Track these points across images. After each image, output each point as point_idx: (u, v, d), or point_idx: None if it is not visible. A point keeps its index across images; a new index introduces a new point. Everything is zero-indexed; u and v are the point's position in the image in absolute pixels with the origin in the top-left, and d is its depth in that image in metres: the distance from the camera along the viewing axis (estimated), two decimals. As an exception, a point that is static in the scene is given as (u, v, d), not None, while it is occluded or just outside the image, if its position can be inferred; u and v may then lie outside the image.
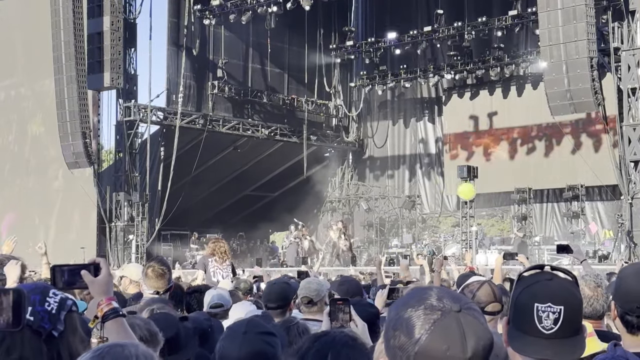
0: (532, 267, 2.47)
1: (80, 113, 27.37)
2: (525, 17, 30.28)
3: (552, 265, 2.48)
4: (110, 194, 29.61)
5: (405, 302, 1.85)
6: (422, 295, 1.85)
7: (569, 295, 2.37)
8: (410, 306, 1.82)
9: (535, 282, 2.37)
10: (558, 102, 22.98)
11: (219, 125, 32.95)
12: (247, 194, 35.83)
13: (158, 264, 5.52)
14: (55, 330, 2.16)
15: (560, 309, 2.31)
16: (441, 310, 1.80)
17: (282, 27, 32.71)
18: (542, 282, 2.38)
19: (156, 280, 5.38)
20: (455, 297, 1.86)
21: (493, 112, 34.02)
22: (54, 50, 27.36)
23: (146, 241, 29.34)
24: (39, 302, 2.20)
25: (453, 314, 1.80)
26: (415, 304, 1.82)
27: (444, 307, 1.81)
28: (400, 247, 31.91)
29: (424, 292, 1.87)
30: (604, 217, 31.31)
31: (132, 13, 30.13)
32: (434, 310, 1.80)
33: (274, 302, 5.44)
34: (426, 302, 1.82)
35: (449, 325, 1.78)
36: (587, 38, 22.13)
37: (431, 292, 1.87)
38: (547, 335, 2.29)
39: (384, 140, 37.72)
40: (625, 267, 3.20)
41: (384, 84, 35.40)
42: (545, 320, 2.30)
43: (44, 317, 2.16)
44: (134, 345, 1.97)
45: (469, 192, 14.81)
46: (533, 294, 2.33)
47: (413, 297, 1.86)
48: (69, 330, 2.20)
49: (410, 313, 1.81)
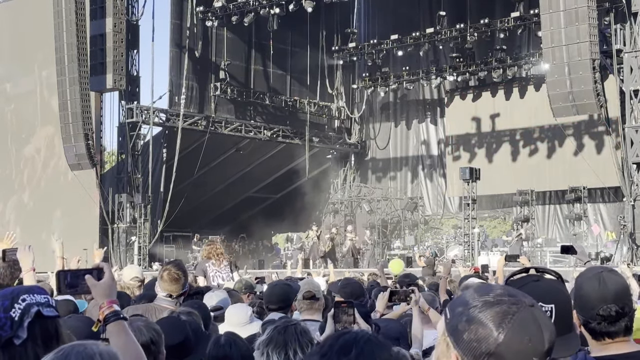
0: (518, 271, 2.55)
1: (83, 115, 27.40)
2: (528, 19, 30.27)
3: (537, 267, 2.55)
4: (113, 195, 29.65)
5: (474, 297, 1.89)
6: (492, 291, 1.90)
7: (558, 294, 2.45)
8: (481, 301, 1.86)
9: (524, 285, 2.44)
10: (560, 104, 22.98)
11: (221, 127, 32.97)
12: (249, 195, 35.84)
13: (175, 268, 5.47)
14: (16, 338, 2.13)
15: (551, 307, 2.38)
16: (516, 304, 1.86)
17: (284, 28, 32.73)
18: (530, 283, 2.45)
19: (170, 284, 5.37)
20: (522, 293, 1.92)
21: (495, 113, 34.01)
22: (57, 52, 27.40)
23: (148, 243, 29.37)
24: (5, 309, 2.16)
25: (528, 309, 1.86)
26: (487, 298, 1.87)
27: (519, 301, 1.87)
28: (403, 249, 31.94)
29: (492, 288, 1.92)
30: (607, 219, 31.30)
31: (134, 15, 30.16)
32: (509, 304, 1.85)
33: (275, 304, 5.44)
34: (499, 297, 1.87)
35: (527, 319, 1.84)
36: (590, 40, 22.13)
37: (500, 288, 1.93)
38: None
39: (386, 142, 37.72)
40: (579, 274, 3.14)
41: (386, 86, 35.41)
42: None
43: (6, 323, 2.13)
44: (95, 344, 1.97)
45: (398, 267, 14.93)
46: None
47: (482, 292, 1.90)
48: (33, 338, 2.16)
49: (484, 307, 1.85)
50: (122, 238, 29.35)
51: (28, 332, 2.14)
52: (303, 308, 5.42)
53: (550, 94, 23.24)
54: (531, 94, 32.66)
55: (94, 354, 1.92)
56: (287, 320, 3.93)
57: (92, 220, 29.55)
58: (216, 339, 3.92)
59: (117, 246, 29.31)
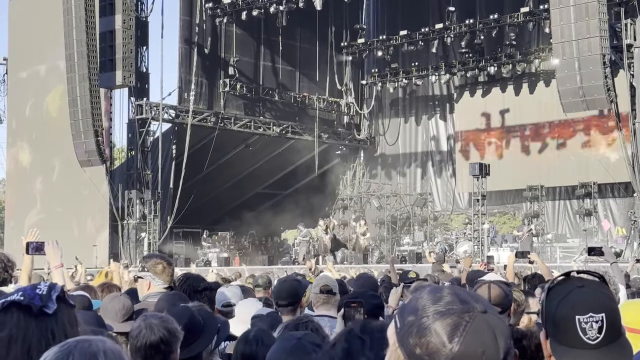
0: (560, 276, 2.40)
1: (93, 111, 27.45)
2: (537, 14, 30.18)
3: (578, 270, 2.43)
4: (123, 191, 29.71)
5: (425, 305, 1.75)
6: (441, 298, 1.76)
7: (606, 299, 2.29)
8: (432, 310, 1.73)
9: (569, 293, 2.29)
10: (570, 99, 22.90)
11: (230, 123, 32.99)
12: (258, 191, 35.86)
13: (162, 259, 5.55)
14: (47, 308, 2.15)
15: (602, 316, 2.24)
16: (469, 312, 1.72)
17: (293, 24, 32.72)
18: (575, 291, 2.29)
19: (166, 275, 5.41)
20: (475, 298, 1.78)
21: (505, 109, 33.94)
22: (66, 49, 27.46)
23: (158, 239, 29.42)
24: (31, 289, 2.20)
25: (481, 316, 1.73)
26: (437, 307, 1.73)
27: (471, 309, 1.73)
28: (412, 245, 31.90)
29: (443, 294, 1.77)
30: (617, 214, 31.19)
31: (144, 11, 30.20)
32: (461, 313, 1.72)
33: (284, 299, 5.43)
34: (450, 305, 1.73)
35: (480, 328, 1.71)
36: (600, 35, 22.03)
37: (449, 293, 1.76)
38: (594, 345, 2.24)
39: (396, 137, 37.68)
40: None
41: (396, 82, 35.38)
42: (590, 331, 2.26)
43: (35, 296, 2.15)
44: (101, 340, 1.96)
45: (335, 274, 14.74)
46: (571, 306, 2.25)
47: (431, 299, 1.76)
48: (61, 310, 2.19)
49: (435, 318, 1.72)
50: (132, 234, 29.41)
51: (57, 304, 2.17)
52: (319, 302, 5.41)
53: (560, 89, 23.16)
54: (541, 89, 32.58)
55: (98, 350, 1.89)
56: (300, 318, 3.91)
57: (102, 216, 29.63)
58: (245, 335, 3.89)
59: (127, 242, 29.37)
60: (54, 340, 2.11)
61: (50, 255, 4.71)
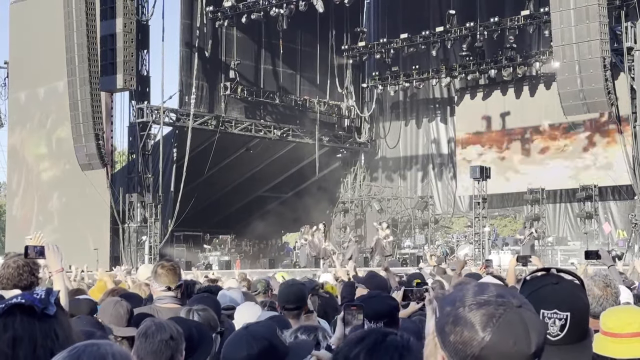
0: (538, 270, 2.44)
1: (93, 115, 27.47)
2: (538, 17, 30.19)
3: (558, 268, 2.46)
4: (124, 195, 29.71)
5: (462, 297, 1.85)
6: (479, 291, 1.85)
7: (576, 300, 2.34)
8: (469, 302, 1.83)
9: (542, 286, 2.35)
10: (571, 102, 22.92)
11: (231, 126, 33.01)
12: (259, 195, 35.87)
13: (167, 262, 5.60)
14: (47, 310, 2.18)
15: (566, 315, 2.29)
16: (503, 305, 1.81)
17: (294, 28, 32.74)
18: (549, 286, 2.36)
19: (167, 276, 5.41)
20: (511, 293, 1.87)
21: (506, 112, 33.96)
22: (67, 52, 27.47)
23: (159, 242, 29.41)
24: (29, 294, 2.24)
25: (515, 310, 1.81)
26: (474, 299, 1.83)
27: (506, 302, 1.82)
28: (413, 248, 31.91)
29: (480, 288, 1.87)
30: (617, 217, 31.19)
31: (144, 15, 30.21)
32: (496, 305, 1.81)
33: (292, 303, 5.44)
34: (486, 298, 1.83)
35: (513, 321, 1.80)
36: (600, 38, 22.06)
37: (488, 287, 1.87)
38: (554, 341, 2.27)
39: (396, 140, 37.70)
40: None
41: (396, 85, 35.40)
42: (552, 327, 2.29)
43: (35, 299, 2.18)
44: (109, 343, 1.99)
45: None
46: (539, 299, 2.29)
47: (469, 292, 1.86)
48: (61, 312, 2.23)
49: (471, 308, 1.81)
50: (132, 238, 29.39)
51: (56, 307, 2.21)
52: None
53: (560, 92, 23.18)
54: (541, 92, 32.59)
55: (106, 354, 1.93)
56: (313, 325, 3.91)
57: (103, 219, 29.61)
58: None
59: (128, 246, 29.36)
60: (58, 340, 2.16)
61: (51, 260, 4.67)
